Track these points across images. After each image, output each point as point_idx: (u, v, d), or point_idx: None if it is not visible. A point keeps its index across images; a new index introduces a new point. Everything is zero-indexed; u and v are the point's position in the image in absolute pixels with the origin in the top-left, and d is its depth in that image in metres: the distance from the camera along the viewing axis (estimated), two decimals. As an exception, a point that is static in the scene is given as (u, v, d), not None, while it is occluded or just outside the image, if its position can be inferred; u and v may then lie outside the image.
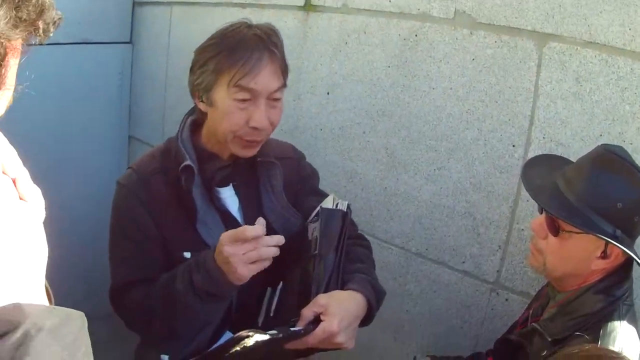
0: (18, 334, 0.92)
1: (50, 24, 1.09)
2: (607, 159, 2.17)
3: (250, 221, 2.32)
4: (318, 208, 2.52)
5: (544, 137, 2.84)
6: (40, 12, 1.06)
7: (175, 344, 2.44)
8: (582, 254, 2.19)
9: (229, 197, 2.55)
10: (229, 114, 2.35)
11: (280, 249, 2.27)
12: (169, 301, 2.33)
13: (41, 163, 1.21)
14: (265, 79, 2.33)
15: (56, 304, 1.12)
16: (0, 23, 0.97)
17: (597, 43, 2.63)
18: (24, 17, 1.02)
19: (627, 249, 2.09)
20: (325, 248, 2.40)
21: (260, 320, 2.48)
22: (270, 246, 2.18)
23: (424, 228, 3.35)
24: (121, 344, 2.81)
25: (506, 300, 3.04)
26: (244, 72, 2.29)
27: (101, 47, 4.66)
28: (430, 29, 3.17)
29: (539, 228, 2.32)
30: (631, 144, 2.56)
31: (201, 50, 2.43)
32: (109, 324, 2.92)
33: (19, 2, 1.01)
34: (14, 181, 1.08)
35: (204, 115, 2.49)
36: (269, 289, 2.55)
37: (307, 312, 2.20)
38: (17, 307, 0.95)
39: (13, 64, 1.07)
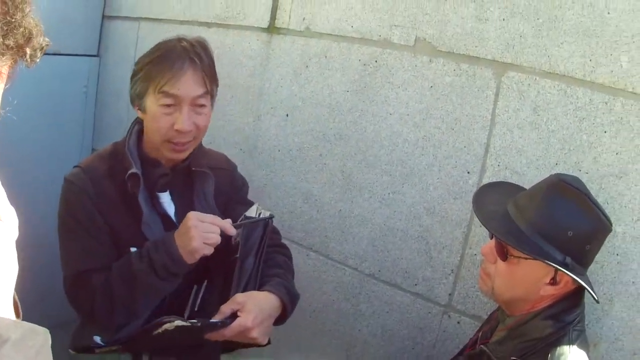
0: None
1: (38, 50, 1.13)
2: (561, 187, 2.21)
3: None
4: (242, 216, 2.71)
5: (499, 165, 2.89)
6: (28, 39, 1.08)
7: (109, 329, 2.53)
8: (530, 280, 2.23)
9: (166, 202, 2.69)
10: (156, 118, 2.53)
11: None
12: (128, 283, 2.45)
13: (4, 175, 1.22)
14: (186, 85, 2.50)
15: (25, 313, 1.16)
16: None
17: (557, 73, 2.69)
18: (11, 44, 1.05)
19: (577, 277, 2.12)
20: (246, 252, 2.63)
21: (186, 314, 2.64)
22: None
23: (378, 250, 3.38)
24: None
25: (458, 322, 3.08)
26: (167, 79, 2.47)
27: (69, 58, 4.65)
28: (391, 55, 3.22)
29: (489, 252, 2.36)
30: (587, 173, 2.62)
31: (138, 61, 2.61)
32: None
33: (7, 30, 1.04)
34: None
35: (142, 123, 2.65)
36: (195, 286, 2.71)
37: (225, 308, 2.40)
38: None
39: (0, 89, 1.09)
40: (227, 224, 2.44)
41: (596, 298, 2.17)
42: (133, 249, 2.53)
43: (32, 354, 1.01)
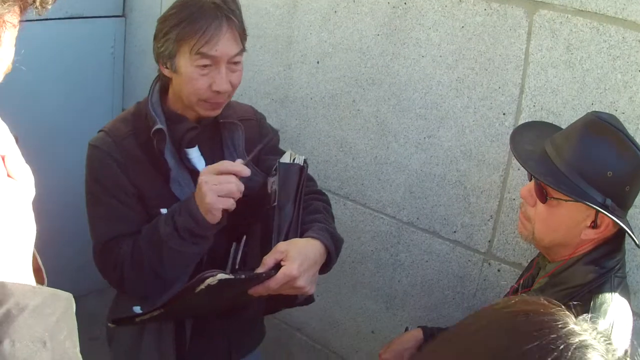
0: None
1: None
2: (599, 126, 2.14)
3: None
4: (276, 163, 2.64)
5: (534, 106, 2.81)
6: None
7: (141, 299, 2.55)
8: (570, 223, 2.17)
9: (196, 157, 2.63)
10: (192, 80, 2.45)
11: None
12: (155, 247, 2.42)
13: (35, 137, 1.19)
14: (224, 45, 2.43)
15: (49, 279, 1.11)
16: None
17: (588, 11, 2.60)
18: None
19: (618, 219, 2.07)
20: (283, 199, 2.57)
21: (228, 272, 2.52)
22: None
23: (415, 197, 3.33)
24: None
25: (498, 270, 3.04)
26: (205, 40, 2.39)
27: (94, 21, 4.62)
28: (420, -4, 3.13)
29: (528, 195, 2.30)
30: (623, 113, 2.54)
31: (163, 19, 2.51)
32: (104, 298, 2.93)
33: None
34: (2, 158, 1.06)
35: (169, 80, 2.57)
36: (234, 243, 2.64)
37: (269, 259, 2.33)
38: (0, 286, 0.93)
39: (7, 37, 1.04)
40: (239, 167, 2.36)
41: (637, 242, 2.12)
42: (163, 210, 2.50)
43: (52, 321, 0.97)
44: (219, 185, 2.31)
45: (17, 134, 1.09)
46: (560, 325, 1.04)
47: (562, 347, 0.99)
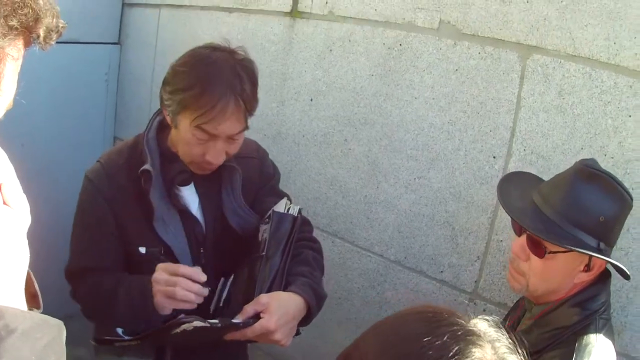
0: None
1: (52, 32, 1.09)
2: (586, 173, 2.16)
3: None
4: (270, 211, 2.64)
5: (524, 149, 2.84)
6: (36, 20, 1.05)
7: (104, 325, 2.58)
8: (566, 271, 2.19)
9: (189, 195, 2.62)
10: (188, 144, 2.43)
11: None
12: (110, 300, 2.47)
13: (26, 162, 1.20)
14: (226, 127, 2.39)
15: (44, 304, 1.12)
16: None
17: (581, 56, 2.64)
18: (16, 25, 1.02)
19: (614, 261, 2.12)
20: (272, 250, 2.55)
21: (212, 307, 2.60)
22: (190, 291, 2.31)
23: (404, 237, 3.35)
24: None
25: (484, 310, 3.05)
26: (207, 119, 2.34)
27: (89, 47, 4.65)
28: (415, 38, 3.18)
29: (521, 250, 2.29)
30: (612, 157, 2.57)
31: (174, 73, 2.46)
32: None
33: (10, 10, 1.00)
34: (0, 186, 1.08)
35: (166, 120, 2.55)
36: (222, 279, 2.66)
37: (249, 309, 2.33)
38: None
39: (9, 71, 1.06)
40: (194, 273, 2.33)
41: (628, 273, 2.15)
42: (142, 249, 2.54)
43: (39, 346, 0.99)
44: (166, 288, 2.31)
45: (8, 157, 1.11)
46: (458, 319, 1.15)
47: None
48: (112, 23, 4.86)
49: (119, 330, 2.40)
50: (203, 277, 2.35)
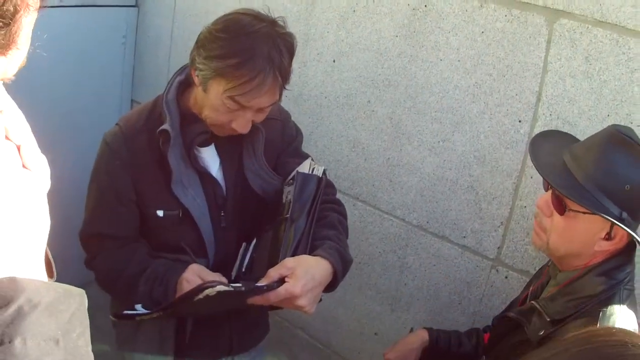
0: (10, 310, 0.88)
1: None
2: (619, 139, 2.13)
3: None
4: (294, 172, 2.60)
5: (550, 114, 2.80)
6: None
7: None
8: (586, 235, 2.17)
9: (209, 156, 2.60)
10: (216, 110, 2.38)
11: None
12: (131, 287, 2.49)
13: (44, 125, 1.18)
14: (260, 101, 2.34)
15: (57, 272, 1.10)
16: None
17: (609, 22, 2.59)
18: None
19: (634, 233, 2.07)
20: (297, 212, 2.50)
21: (234, 274, 2.58)
22: None
23: (426, 201, 3.33)
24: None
25: (506, 277, 3.03)
26: (242, 91, 2.28)
27: (107, 10, 4.61)
28: (440, -1, 3.12)
29: (545, 206, 2.29)
30: (638, 125, 2.52)
31: (211, 38, 2.34)
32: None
33: None
34: (18, 148, 1.04)
35: (194, 83, 2.48)
36: (243, 244, 2.64)
37: (274, 273, 2.27)
38: (12, 282, 0.91)
39: (26, 23, 1.02)
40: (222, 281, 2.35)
41: None
42: (159, 212, 2.53)
43: (65, 319, 0.96)
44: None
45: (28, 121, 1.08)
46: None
47: None
48: (129, -15, 4.82)
49: (138, 306, 2.40)
50: (225, 280, 2.36)
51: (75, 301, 0.99)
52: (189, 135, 2.49)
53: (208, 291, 2.10)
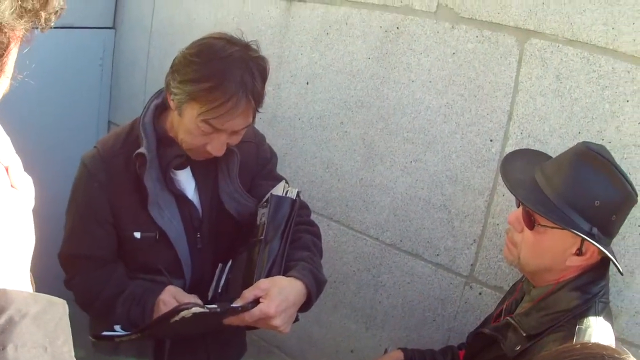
0: (2, 320, 0.93)
1: (52, 14, 1.09)
2: (589, 156, 2.18)
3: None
4: (268, 194, 2.63)
5: (521, 133, 2.85)
6: (45, 2, 1.05)
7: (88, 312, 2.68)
8: (556, 250, 2.21)
9: (185, 179, 2.64)
10: (190, 134, 2.41)
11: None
12: (109, 308, 2.54)
13: (22, 145, 1.20)
14: (233, 123, 2.38)
15: (38, 290, 1.13)
16: (6, 13, 0.97)
17: (579, 41, 2.64)
18: (29, 7, 1.02)
19: (603, 248, 2.11)
20: (271, 234, 2.53)
21: (210, 294, 2.62)
22: None
23: (399, 220, 3.35)
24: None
25: (479, 294, 3.06)
26: (216, 114, 2.32)
27: (84, 31, 4.63)
28: (412, 21, 3.17)
29: (515, 221, 2.33)
30: (609, 142, 2.57)
31: (185, 62, 2.39)
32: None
33: None
34: (6, 169, 1.08)
35: (167, 104, 2.51)
36: (220, 265, 2.68)
37: (248, 294, 2.30)
38: (2, 293, 0.96)
39: (14, 53, 1.06)
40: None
41: (621, 270, 2.17)
42: (136, 234, 2.56)
43: (51, 327, 1.00)
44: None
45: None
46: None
47: None
48: (106, 7, 4.84)
49: (117, 327, 2.42)
50: (200, 302, 2.39)
51: (58, 311, 1.03)
52: (165, 158, 2.52)
53: (184, 313, 2.13)
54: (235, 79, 2.30)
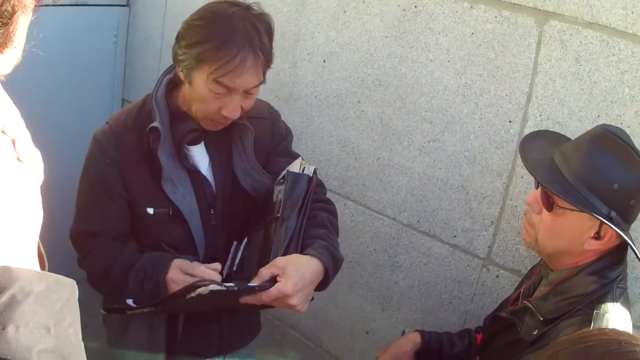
0: (4, 298, 0.91)
1: None
2: (608, 139, 2.15)
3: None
4: (285, 171, 2.62)
5: (540, 115, 2.82)
6: None
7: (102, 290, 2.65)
8: (574, 232, 2.19)
9: (199, 155, 2.62)
10: (204, 100, 2.41)
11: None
12: (122, 284, 2.50)
13: (34, 122, 1.19)
14: (244, 80, 2.37)
15: (50, 269, 1.11)
16: None
17: (599, 24, 2.61)
18: None
19: (621, 232, 2.09)
20: (288, 211, 2.52)
21: (225, 272, 2.57)
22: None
23: (417, 200, 3.34)
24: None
25: (496, 276, 3.05)
26: (225, 71, 2.32)
27: (97, 9, 4.61)
28: (431, 0, 3.14)
29: (534, 202, 2.31)
30: (628, 126, 2.54)
31: (189, 27, 2.43)
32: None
33: None
34: (13, 142, 1.06)
35: (181, 81, 2.51)
36: (235, 242, 2.66)
37: (265, 272, 2.30)
38: (6, 271, 0.94)
39: (23, 22, 1.04)
40: (210, 275, 2.39)
41: (639, 255, 2.13)
42: (149, 210, 2.55)
43: (57, 308, 0.98)
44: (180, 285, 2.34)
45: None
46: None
47: None
48: (120, -15, 4.83)
49: (130, 300, 2.41)
50: (218, 278, 2.37)
51: (66, 291, 1.02)
52: (179, 133, 2.51)
53: (201, 290, 2.13)
54: (240, 34, 2.33)
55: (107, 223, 2.58)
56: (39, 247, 1.10)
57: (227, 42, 2.30)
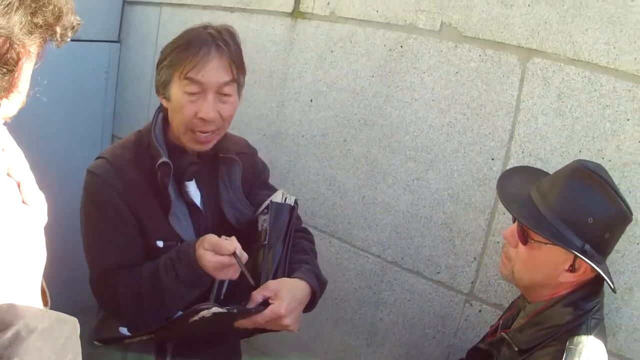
0: (9, 334, 0.94)
1: (68, 29, 1.11)
2: (584, 174, 2.20)
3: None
4: (268, 201, 2.72)
5: (523, 152, 2.86)
6: (58, 17, 1.06)
7: (137, 325, 2.56)
8: (549, 265, 2.23)
9: (193, 190, 2.69)
10: (181, 105, 2.49)
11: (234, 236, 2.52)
12: (157, 291, 2.47)
13: (27, 158, 1.22)
14: (211, 71, 2.47)
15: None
16: (15, 28, 0.98)
17: (581, 60, 2.66)
18: (40, 22, 1.03)
19: (596, 265, 2.12)
20: (274, 239, 2.65)
21: (212, 297, 2.65)
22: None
23: (401, 237, 3.36)
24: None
25: (479, 311, 3.06)
26: (192, 65, 2.44)
27: (89, 44, 4.66)
28: (416, 40, 3.19)
29: (510, 236, 2.36)
30: (609, 160, 2.58)
31: (164, 49, 2.61)
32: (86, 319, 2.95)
33: (35, 7, 1.02)
34: (18, 184, 1.09)
35: (167, 111, 2.60)
36: None
37: (258, 295, 2.42)
38: (11, 308, 0.97)
39: (27, 68, 1.07)
40: (234, 246, 2.37)
41: (613, 287, 2.18)
42: (159, 243, 2.56)
43: (59, 344, 1.01)
44: (217, 266, 2.35)
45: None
46: None
47: None
48: (112, 21, 4.88)
49: (123, 330, 2.43)
50: (239, 245, 2.38)
51: (68, 328, 1.05)
52: (179, 167, 2.56)
53: (204, 313, 2.18)
54: (204, 34, 2.53)
55: (130, 254, 2.56)
56: (42, 284, 1.14)
57: (192, 42, 2.49)
